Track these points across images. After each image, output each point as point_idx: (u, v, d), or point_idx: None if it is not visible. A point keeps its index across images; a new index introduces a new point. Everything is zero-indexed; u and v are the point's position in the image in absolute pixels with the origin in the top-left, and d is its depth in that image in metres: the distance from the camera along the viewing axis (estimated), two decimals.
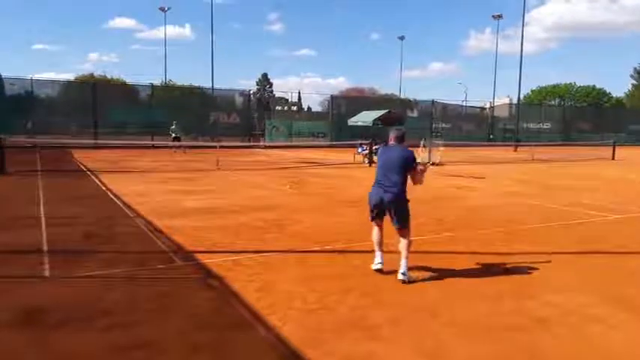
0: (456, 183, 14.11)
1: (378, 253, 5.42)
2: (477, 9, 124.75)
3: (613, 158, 25.70)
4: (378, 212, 5.44)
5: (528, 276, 5.45)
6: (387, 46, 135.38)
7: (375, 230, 5.53)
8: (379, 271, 5.32)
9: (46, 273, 5.19)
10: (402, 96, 61.81)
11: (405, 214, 5.31)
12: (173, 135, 25.00)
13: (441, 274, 5.45)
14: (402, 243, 5.27)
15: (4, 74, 33.39)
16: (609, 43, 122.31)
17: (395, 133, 5.53)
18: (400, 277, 5.08)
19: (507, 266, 5.83)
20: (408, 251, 5.23)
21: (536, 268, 5.75)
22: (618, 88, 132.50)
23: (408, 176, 5.39)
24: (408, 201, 5.36)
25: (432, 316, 4.23)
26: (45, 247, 6.20)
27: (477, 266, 5.81)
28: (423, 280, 5.23)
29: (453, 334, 3.86)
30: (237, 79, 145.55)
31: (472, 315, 4.27)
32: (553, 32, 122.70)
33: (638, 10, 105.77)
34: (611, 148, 26.75)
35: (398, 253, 5.25)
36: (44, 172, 14.99)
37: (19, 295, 4.54)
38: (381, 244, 5.47)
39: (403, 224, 5.30)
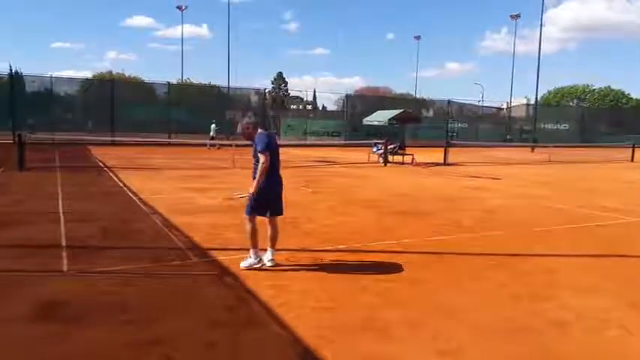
0: (472, 184, 14.00)
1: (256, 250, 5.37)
2: (493, 9, 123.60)
3: (632, 160, 25.28)
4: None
5: (546, 278, 5.38)
6: (403, 45, 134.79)
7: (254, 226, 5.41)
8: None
9: (64, 268, 5.26)
10: (418, 96, 61.61)
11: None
12: (213, 135, 28.04)
13: (458, 274, 5.41)
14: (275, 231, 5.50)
15: (25, 71, 33.98)
16: (628, 44, 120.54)
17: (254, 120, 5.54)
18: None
19: (525, 268, 5.77)
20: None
21: (554, 271, 5.68)
22: (636, 88, 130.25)
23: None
24: None
25: (448, 317, 4.20)
26: (63, 242, 6.28)
27: (495, 268, 5.75)
28: (439, 280, 5.19)
29: (469, 335, 3.83)
30: (254, 77, 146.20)
31: (489, 316, 4.23)
32: (569, 32, 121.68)
33: None
34: (630, 150, 26.32)
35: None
36: (62, 168, 15.21)
37: (37, 289, 4.61)
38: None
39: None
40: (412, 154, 20.82)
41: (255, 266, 5.27)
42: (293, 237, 6.93)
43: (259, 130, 5.43)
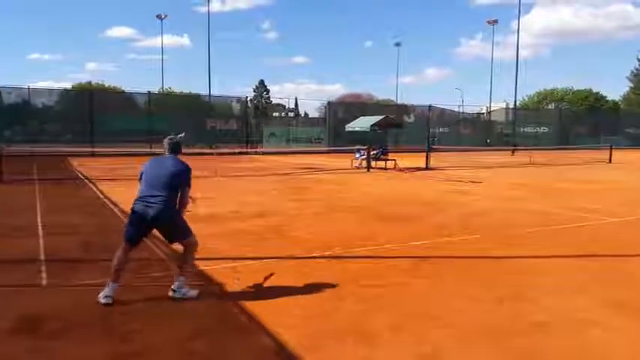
0: (454, 188, 14.12)
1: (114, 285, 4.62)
2: (467, 16, 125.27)
3: (610, 161, 25.76)
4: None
5: (527, 280, 5.44)
6: (381, 52, 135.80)
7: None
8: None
9: (44, 282, 5.17)
10: (399, 101, 62.08)
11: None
12: None
13: (440, 278, 5.45)
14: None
15: (1, 83, 33.47)
16: (599, 48, 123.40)
17: (168, 142, 4.95)
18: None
19: (506, 270, 5.83)
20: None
21: (535, 272, 5.76)
22: (611, 91, 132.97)
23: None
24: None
25: (431, 321, 4.22)
26: (42, 256, 6.18)
27: (476, 270, 5.80)
28: (423, 284, 5.22)
29: (453, 339, 3.85)
30: (235, 86, 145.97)
31: (472, 319, 4.26)
32: (541, 38, 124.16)
33: (623, 16, 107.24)
34: (608, 152, 26.83)
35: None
36: (41, 180, 14.96)
37: (16, 304, 4.52)
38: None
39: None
40: (394, 160, 20.95)
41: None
42: (278, 244, 6.91)
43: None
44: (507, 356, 3.63)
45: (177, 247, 5.04)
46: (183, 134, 5.31)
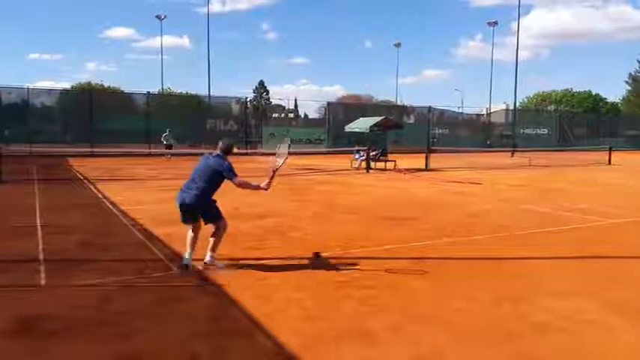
0: (453, 189, 14.12)
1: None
2: (466, 17, 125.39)
3: (609, 163, 25.78)
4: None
5: (526, 281, 5.44)
6: (380, 53, 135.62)
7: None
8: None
9: (43, 282, 5.16)
10: (399, 102, 62.11)
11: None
12: (165, 142, 25.95)
13: (440, 279, 5.45)
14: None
15: (1, 83, 33.47)
16: (598, 50, 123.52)
17: (221, 144, 5.88)
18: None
19: (506, 271, 5.83)
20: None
21: (534, 274, 5.76)
22: (611, 93, 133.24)
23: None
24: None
25: (430, 323, 4.22)
26: (41, 256, 6.17)
27: (475, 272, 5.80)
28: (422, 285, 5.22)
29: (451, 341, 3.85)
30: (235, 87, 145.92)
31: (470, 321, 4.26)
32: (541, 39, 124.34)
33: (622, 17, 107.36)
34: (607, 153, 26.85)
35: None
36: (40, 180, 14.95)
37: (15, 304, 4.52)
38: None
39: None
40: (394, 161, 20.95)
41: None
42: (278, 245, 6.92)
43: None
44: (507, 357, 3.63)
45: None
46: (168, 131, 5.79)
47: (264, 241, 7.20)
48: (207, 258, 5.62)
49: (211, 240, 5.70)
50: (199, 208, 5.61)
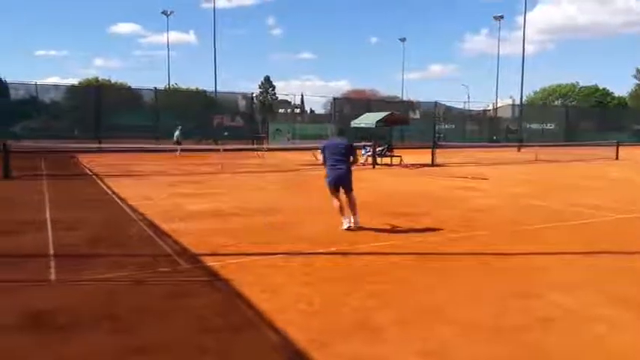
0: (459, 184, 14.10)
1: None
2: (471, 12, 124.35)
3: (617, 158, 25.61)
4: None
5: (533, 276, 5.45)
6: (386, 49, 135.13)
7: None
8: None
9: (52, 277, 5.22)
10: (405, 98, 61.92)
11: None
12: (175, 139, 26.71)
13: (446, 274, 5.46)
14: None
15: (9, 79, 33.66)
16: (605, 44, 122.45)
17: (337, 129, 7.84)
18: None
19: (512, 267, 5.83)
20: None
21: (541, 269, 5.76)
22: (618, 87, 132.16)
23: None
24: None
25: (437, 317, 4.23)
26: (51, 251, 6.24)
27: (482, 267, 5.81)
28: (429, 281, 5.23)
29: (459, 335, 3.87)
30: (241, 82, 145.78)
31: (477, 316, 4.27)
32: (546, 34, 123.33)
33: (628, 12, 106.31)
34: (614, 148, 26.67)
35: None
36: (49, 176, 15.07)
37: (25, 299, 4.57)
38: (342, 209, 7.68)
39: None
40: (400, 156, 20.92)
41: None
42: (284, 240, 6.94)
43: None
44: (513, 352, 3.64)
45: None
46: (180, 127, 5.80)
47: (269, 235, 7.23)
48: (353, 221, 7.54)
49: (350, 209, 7.66)
50: (347, 180, 7.77)
